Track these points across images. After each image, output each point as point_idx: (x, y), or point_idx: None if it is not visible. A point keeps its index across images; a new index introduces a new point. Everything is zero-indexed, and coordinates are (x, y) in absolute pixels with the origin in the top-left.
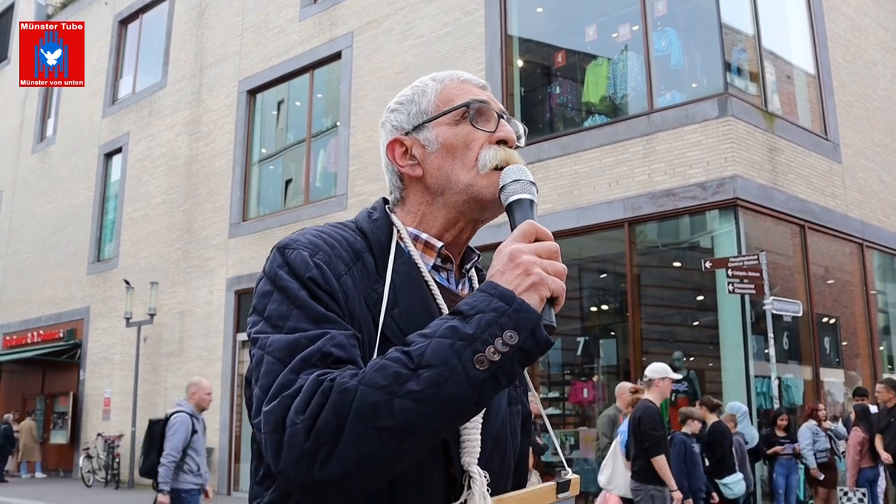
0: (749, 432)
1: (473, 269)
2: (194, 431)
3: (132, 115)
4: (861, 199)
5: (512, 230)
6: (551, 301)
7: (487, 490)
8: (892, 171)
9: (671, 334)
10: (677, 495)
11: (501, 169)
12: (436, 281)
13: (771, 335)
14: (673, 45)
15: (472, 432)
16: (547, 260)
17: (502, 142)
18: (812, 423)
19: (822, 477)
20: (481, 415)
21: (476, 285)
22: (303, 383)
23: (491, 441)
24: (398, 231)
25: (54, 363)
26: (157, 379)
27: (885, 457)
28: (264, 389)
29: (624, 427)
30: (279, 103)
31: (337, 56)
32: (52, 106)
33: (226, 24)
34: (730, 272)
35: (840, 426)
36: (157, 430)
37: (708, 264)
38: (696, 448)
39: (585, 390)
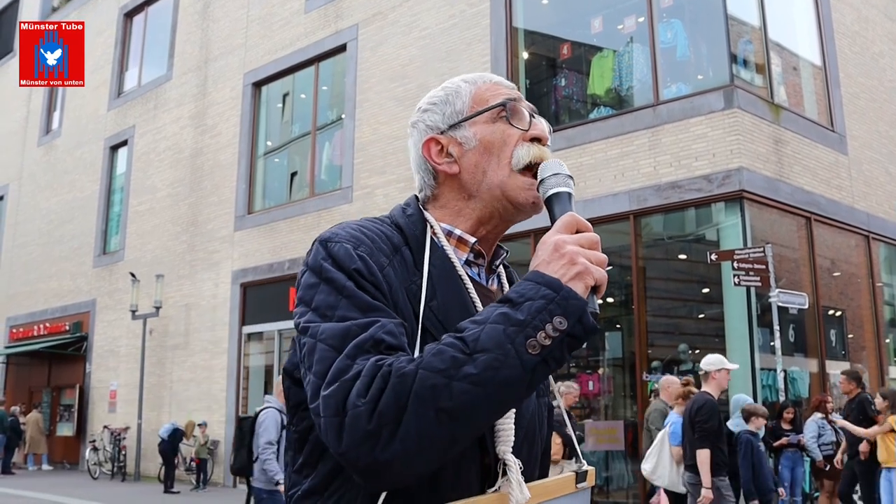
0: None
1: (501, 266)
2: (283, 427)
3: (137, 108)
4: (867, 190)
5: (552, 222)
6: (594, 289)
7: (522, 477)
8: None
9: (676, 327)
10: (708, 494)
11: (534, 165)
12: (468, 275)
13: (777, 327)
14: (679, 37)
15: (507, 422)
16: (590, 250)
17: (535, 139)
18: (818, 416)
19: (827, 468)
20: None
21: (504, 281)
22: (360, 368)
23: (522, 431)
24: (431, 226)
25: (60, 356)
26: (162, 371)
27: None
28: (320, 375)
29: (673, 418)
30: (284, 96)
31: (342, 48)
32: (58, 99)
33: (231, 17)
34: (735, 264)
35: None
36: (246, 427)
37: (713, 256)
38: (762, 446)
39: (591, 383)
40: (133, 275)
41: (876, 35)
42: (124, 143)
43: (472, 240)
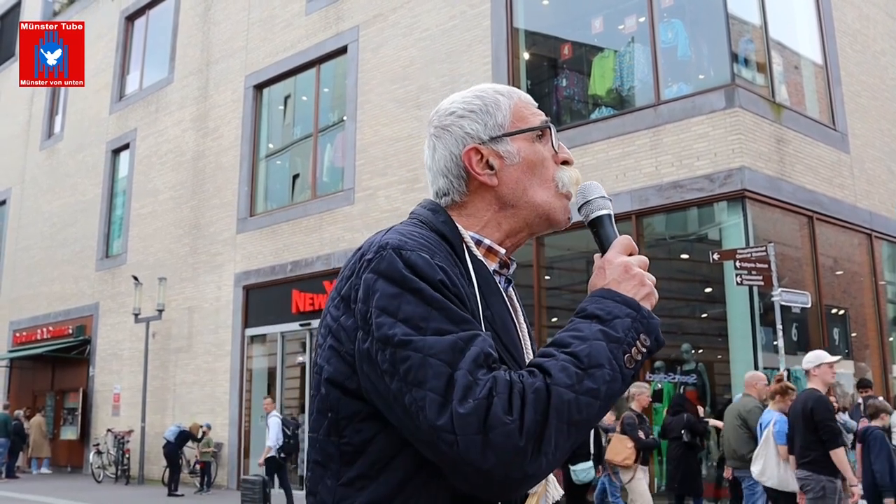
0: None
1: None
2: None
3: (139, 111)
4: (869, 189)
5: (599, 242)
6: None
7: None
8: None
9: (679, 326)
10: (857, 490)
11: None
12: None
13: (779, 327)
14: (679, 37)
15: None
16: (645, 271)
17: (565, 163)
18: None
19: None
20: None
21: (512, 291)
22: (490, 384)
23: None
24: (462, 236)
25: (64, 359)
26: (166, 375)
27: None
28: (440, 392)
29: (773, 416)
30: (286, 98)
31: (343, 50)
32: (60, 102)
33: (232, 20)
34: (738, 264)
35: (848, 418)
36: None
37: (716, 256)
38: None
39: None
40: (136, 278)
41: (877, 33)
42: (126, 146)
43: (503, 251)
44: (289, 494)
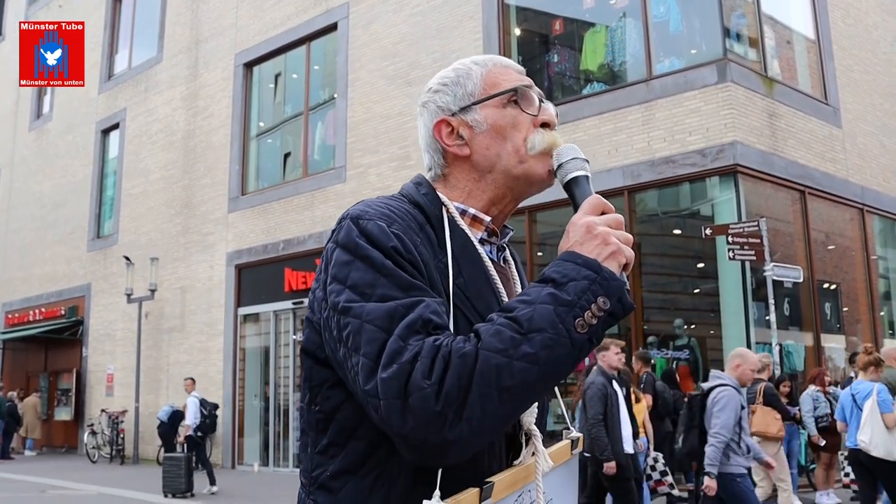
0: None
1: (506, 246)
2: (742, 407)
3: (128, 91)
4: (861, 163)
5: (573, 204)
6: (623, 267)
7: (544, 447)
8: (892, 135)
9: (672, 302)
10: None
11: (548, 151)
12: (485, 253)
13: (772, 301)
14: (671, 11)
15: None
16: (617, 230)
17: (545, 125)
18: (812, 389)
19: (823, 443)
20: None
21: (510, 258)
22: (417, 349)
23: (541, 404)
24: (446, 206)
25: (57, 340)
26: (159, 354)
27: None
28: (372, 357)
29: (876, 386)
30: (276, 76)
31: (333, 27)
32: None
33: None
34: (730, 239)
35: (841, 391)
36: (696, 406)
37: (708, 231)
38: None
39: (586, 359)
40: (127, 258)
41: (869, 6)
42: (116, 126)
43: (487, 218)
44: (209, 470)
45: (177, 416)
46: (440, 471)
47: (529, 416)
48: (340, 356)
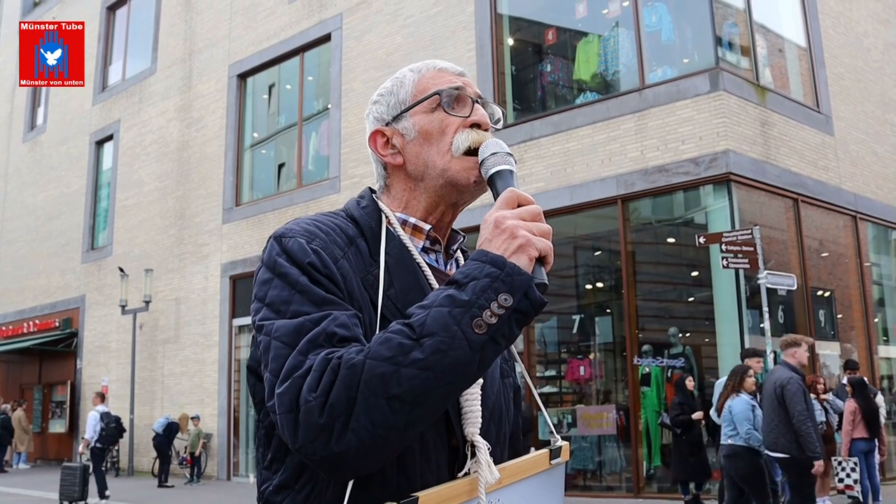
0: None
1: (459, 251)
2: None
3: (122, 102)
4: (854, 171)
5: (496, 200)
6: (541, 261)
7: (491, 458)
8: (884, 142)
9: (667, 310)
10: None
11: (475, 151)
12: (426, 262)
13: (766, 309)
14: (663, 21)
15: (473, 403)
16: (532, 222)
17: (476, 125)
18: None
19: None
20: (479, 386)
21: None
22: (311, 363)
23: (488, 412)
24: (386, 217)
25: (51, 352)
26: (154, 366)
27: None
28: (275, 373)
29: None
30: (270, 87)
31: (327, 38)
32: (42, 95)
33: (214, 8)
34: (724, 247)
35: (836, 399)
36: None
37: (702, 240)
38: None
39: (582, 368)
40: (122, 270)
41: (860, 15)
42: (110, 137)
43: (427, 227)
44: (100, 481)
45: (172, 427)
46: (351, 484)
47: (472, 427)
48: (262, 373)
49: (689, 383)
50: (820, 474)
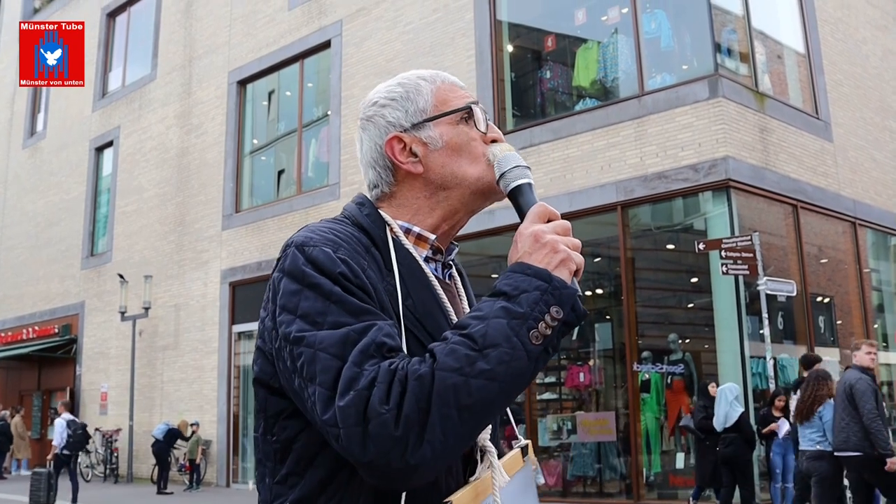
0: (731, 412)
1: (451, 263)
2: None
3: (122, 109)
4: (853, 177)
5: (518, 213)
6: (574, 273)
7: (500, 462)
8: (883, 148)
9: (666, 317)
10: None
11: None
12: (429, 271)
13: (765, 315)
14: (663, 27)
15: None
16: (566, 237)
17: (494, 141)
18: None
19: None
20: None
21: (455, 275)
22: (373, 375)
23: (496, 419)
24: (390, 226)
25: (50, 359)
26: (153, 373)
27: None
28: (328, 385)
29: None
30: (270, 94)
31: (326, 45)
32: (42, 101)
33: (214, 15)
34: (723, 253)
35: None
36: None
37: (701, 246)
38: None
39: (581, 374)
40: (121, 276)
41: (858, 22)
42: (110, 143)
43: (432, 237)
44: (74, 486)
45: (172, 434)
46: (392, 493)
47: (483, 433)
48: (296, 386)
49: (713, 389)
50: None
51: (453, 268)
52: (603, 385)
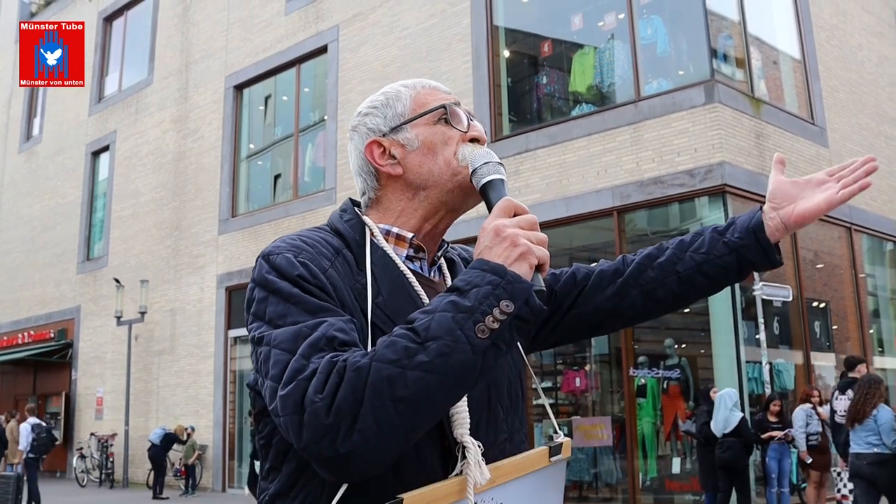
0: (731, 417)
1: (443, 259)
2: None
3: (119, 113)
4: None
5: (489, 209)
6: (538, 269)
7: (483, 458)
8: (878, 154)
9: (662, 322)
10: None
11: None
12: (410, 269)
13: (761, 320)
14: (659, 33)
15: (461, 406)
16: (529, 231)
17: (474, 140)
18: (807, 405)
19: (809, 460)
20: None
21: (446, 272)
22: (316, 366)
23: (488, 414)
24: (370, 228)
25: (46, 363)
26: (149, 377)
27: None
28: (276, 378)
29: None
30: (266, 98)
31: (323, 50)
32: (38, 105)
33: (211, 20)
34: None
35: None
36: None
37: None
38: None
39: (577, 379)
40: (117, 280)
41: (854, 28)
42: (106, 148)
43: (410, 235)
44: (33, 490)
45: (169, 438)
46: (344, 488)
47: (461, 428)
48: (259, 384)
49: (714, 394)
50: (816, 485)
51: (444, 265)
52: (599, 390)
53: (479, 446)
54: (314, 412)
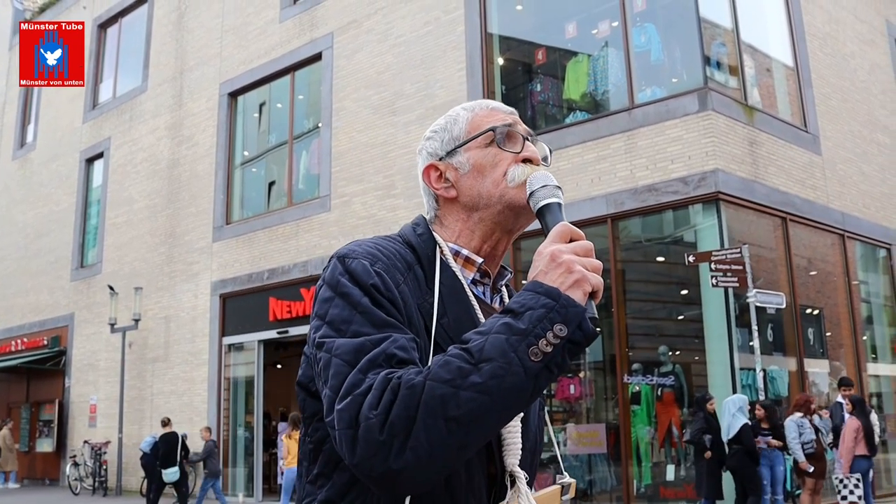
0: (734, 422)
1: (505, 287)
2: None
3: (113, 120)
4: (841, 190)
5: (545, 233)
6: (591, 295)
7: (530, 491)
8: (871, 161)
9: (656, 329)
10: None
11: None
12: (474, 294)
13: (755, 327)
14: (652, 41)
15: (515, 435)
16: (585, 258)
17: (528, 161)
18: (797, 415)
19: (811, 469)
20: (520, 419)
21: (507, 300)
22: (372, 382)
23: (528, 444)
24: (440, 247)
25: (39, 371)
26: (143, 385)
27: None
28: (335, 390)
29: None
30: (261, 105)
31: (317, 57)
32: (32, 112)
33: (205, 27)
34: (713, 266)
35: (819, 420)
36: None
37: (691, 258)
38: None
39: (572, 387)
40: (111, 288)
41: (846, 36)
42: (100, 155)
43: (480, 260)
44: None
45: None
46: (408, 500)
47: (512, 458)
48: (319, 388)
49: (711, 405)
50: (812, 492)
51: (503, 293)
52: (593, 397)
53: (527, 477)
54: (368, 428)
